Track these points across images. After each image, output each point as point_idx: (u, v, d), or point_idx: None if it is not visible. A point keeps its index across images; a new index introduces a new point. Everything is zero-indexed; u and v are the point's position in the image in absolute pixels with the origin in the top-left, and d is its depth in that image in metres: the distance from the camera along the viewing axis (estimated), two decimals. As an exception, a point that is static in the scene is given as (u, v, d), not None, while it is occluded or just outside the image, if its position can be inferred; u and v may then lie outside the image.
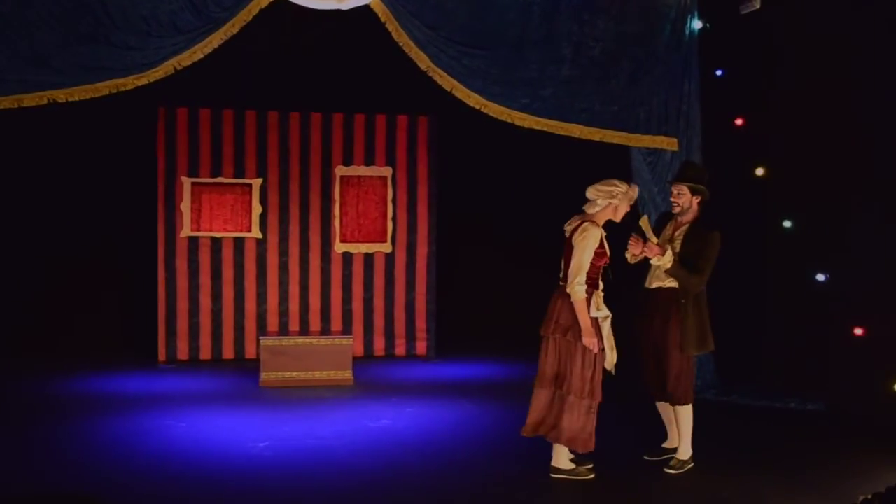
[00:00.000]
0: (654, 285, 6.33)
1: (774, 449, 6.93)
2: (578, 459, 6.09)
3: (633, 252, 6.21)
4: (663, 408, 6.53)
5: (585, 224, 5.87)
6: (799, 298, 8.50)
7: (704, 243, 6.19)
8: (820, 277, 8.25)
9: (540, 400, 5.98)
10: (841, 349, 7.94)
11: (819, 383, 8.23)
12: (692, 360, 6.27)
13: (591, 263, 5.80)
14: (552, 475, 6.00)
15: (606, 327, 5.91)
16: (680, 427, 6.29)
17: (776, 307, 8.82)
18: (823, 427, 7.61)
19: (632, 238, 6.18)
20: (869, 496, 4.55)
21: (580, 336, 5.78)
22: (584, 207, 5.98)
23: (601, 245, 5.84)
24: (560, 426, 5.90)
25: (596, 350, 5.80)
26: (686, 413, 6.23)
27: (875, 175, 7.67)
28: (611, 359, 5.95)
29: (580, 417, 5.86)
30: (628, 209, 6.00)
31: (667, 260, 6.11)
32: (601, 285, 5.94)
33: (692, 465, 6.25)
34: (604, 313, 5.87)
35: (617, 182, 5.93)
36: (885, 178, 7.56)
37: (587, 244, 5.78)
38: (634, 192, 5.98)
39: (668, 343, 6.21)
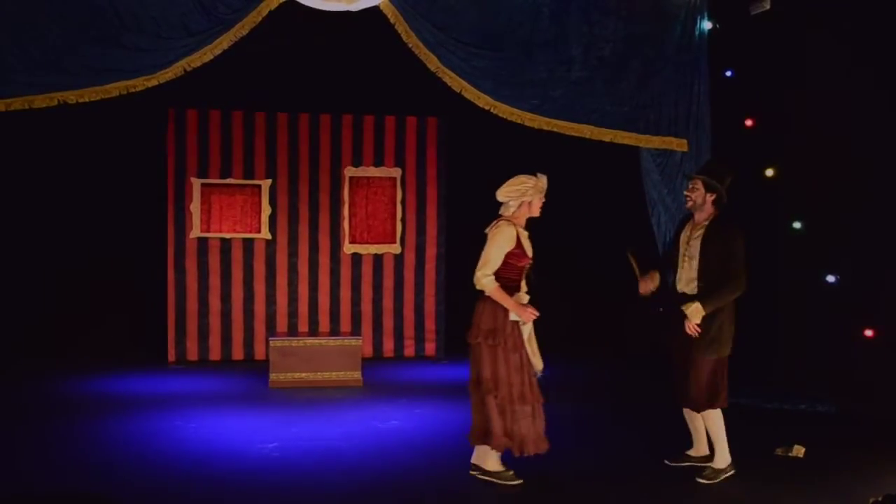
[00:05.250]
0: (680, 290, 6.17)
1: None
2: (513, 466, 5.99)
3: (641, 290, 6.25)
4: (688, 414, 6.39)
5: (500, 222, 5.85)
6: (809, 300, 8.49)
7: (727, 242, 6.01)
8: (830, 279, 8.24)
9: (478, 406, 5.87)
10: (851, 351, 7.93)
11: (829, 385, 8.22)
12: (718, 366, 6.07)
13: (511, 264, 5.76)
14: (472, 472, 5.95)
15: (527, 330, 5.83)
16: (711, 434, 6.15)
17: (786, 308, 8.81)
18: (833, 429, 7.59)
19: (641, 281, 6.31)
20: (879, 497, 4.55)
21: (504, 341, 5.72)
22: (500, 211, 5.94)
23: (518, 245, 5.78)
24: (493, 430, 5.78)
25: (530, 319, 5.75)
26: (712, 419, 6.09)
27: (885, 177, 7.65)
28: (536, 363, 5.86)
29: (514, 422, 5.76)
30: (543, 200, 5.94)
31: (696, 312, 5.92)
32: (524, 287, 5.89)
33: (732, 472, 6.09)
34: (521, 320, 5.79)
35: (524, 178, 5.87)
36: (895, 178, 7.57)
37: (497, 240, 5.75)
38: (543, 182, 5.89)
39: (689, 347, 6.04)
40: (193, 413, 7.86)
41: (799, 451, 6.71)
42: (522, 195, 5.84)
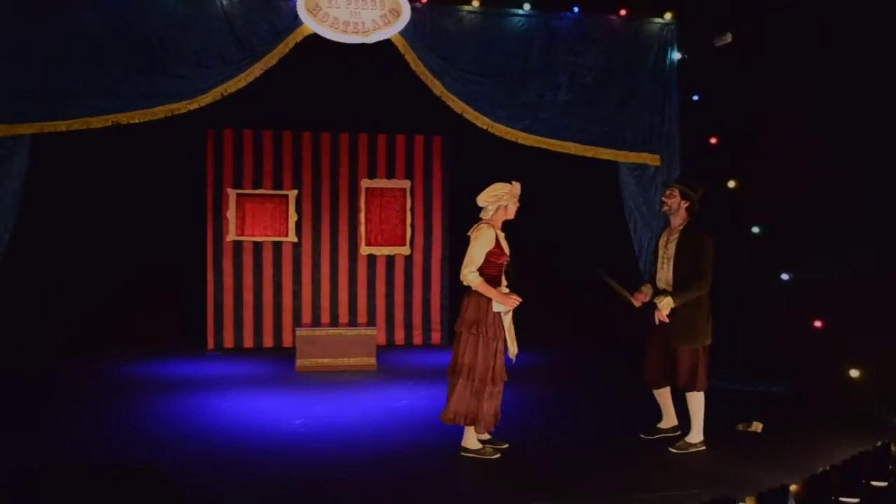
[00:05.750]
0: (661, 288, 6.19)
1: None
2: (493, 441, 6.07)
3: (636, 304, 6.19)
4: (660, 394, 6.44)
5: (481, 224, 5.83)
6: (766, 295, 8.48)
7: (698, 245, 6.00)
8: (784, 277, 8.24)
9: (456, 389, 5.85)
10: (803, 340, 7.92)
11: (783, 370, 8.22)
12: (697, 354, 6.08)
13: (491, 262, 5.73)
14: (462, 454, 5.93)
15: (507, 320, 5.81)
16: (690, 412, 6.16)
17: (746, 302, 8.80)
18: (786, 408, 7.59)
19: (632, 297, 6.19)
20: (827, 468, 4.55)
21: (486, 330, 5.72)
22: (480, 215, 5.92)
23: (497, 245, 5.76)
24: (463, 411, 5.82)
25: (514, 306, 5.73)
26: (695, 400, 6.11)
27: (834, 187, 7.65)
28: (512, 349, 5.87)
29: (483, 401, 5.78)
30: (517, 205, 5.91)
31: (667, 305, 5.96)
32: (504, 282, 5.87)
33: (703, 448, 6.12)
34: (505, 308, 5.77)
35: (500, 185, 5.85)
36: (841, 189, 7.55)
37: (479, 241, 5.72)
38: (517, 188, 5.87)
39: (670, 338, 6.08)
40: (229, 393, 7.89)
41: (757, 426, 6.71)
42: (499, 200, 5.82)
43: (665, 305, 5.97)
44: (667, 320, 6.00)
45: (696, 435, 6.17)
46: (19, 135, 7.40)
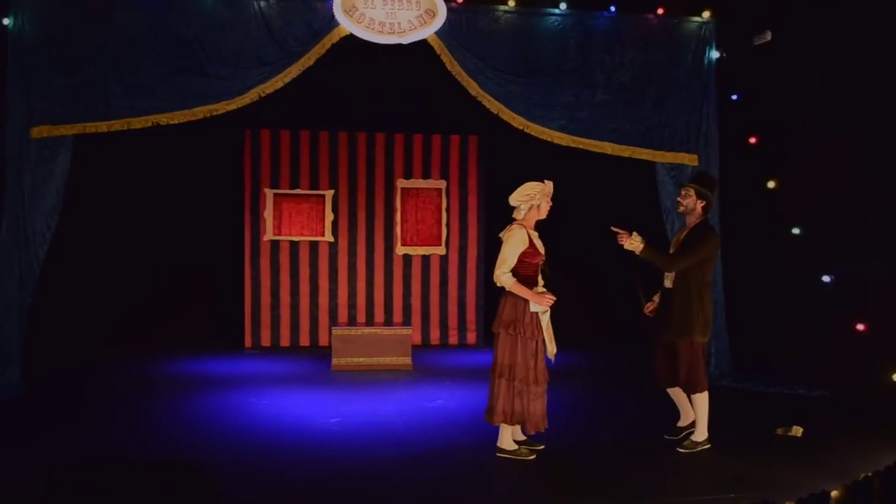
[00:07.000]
0: (667, 286, 6.20)
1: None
2: (531, 441, 6.03)
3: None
4: (674, 392, 6.40)
5: (513, 225, 5.76)
6: (807, 297, 8.36)
7: (696, 239, 6.02)
8: (826, 279, 8.11)
9: (500, 390, 5.80)
10: (845, 342, 7.80)
11: (825, 373, 8.09)
12: (700, 351, 6.05)
13: (525, 262, 5.67)
14: (498, 454, 5.88)
15: (545, 320, 5.75)
16: (696, 413, 6.15)
17: (787, 305, 8.69)
18: (828, 412, 7.47)
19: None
20: (869, 474, 4.47)
21: (523, 330, 5.66)
22: (513, 215, 5.83)
23: (531, 245, 5.68)
24: (498, 409, 5.77)
25: (549, 304, 5.66)
26: (700, 400, 6.08)
27: (875, 188, 7.52)
28: (551, 348, 5.81)
29: (529, 402, 5.73)
30: (550, 204, 5.83)
31: (636, 244, 5.94)
32: (540, 282, 5.81)
33: (707, 446, 6.09)
34: (542, 308, 5.71)
35: (533, 184, 5.76)
36: (883, 190, 7.42)
37: (510, 242, 5.65)
38: (549, 187, 5.79)
39: (667, 333, 6.10)
40: (266, 391, 7.93)
41: (797, 431, 6.61)
42: (531, 199, 5.75)
43: (635, 242, 5.95)
44: (625, 241, 5.97)
45: (701, 433, 6.14)
46: (62, 135, 7.53)
